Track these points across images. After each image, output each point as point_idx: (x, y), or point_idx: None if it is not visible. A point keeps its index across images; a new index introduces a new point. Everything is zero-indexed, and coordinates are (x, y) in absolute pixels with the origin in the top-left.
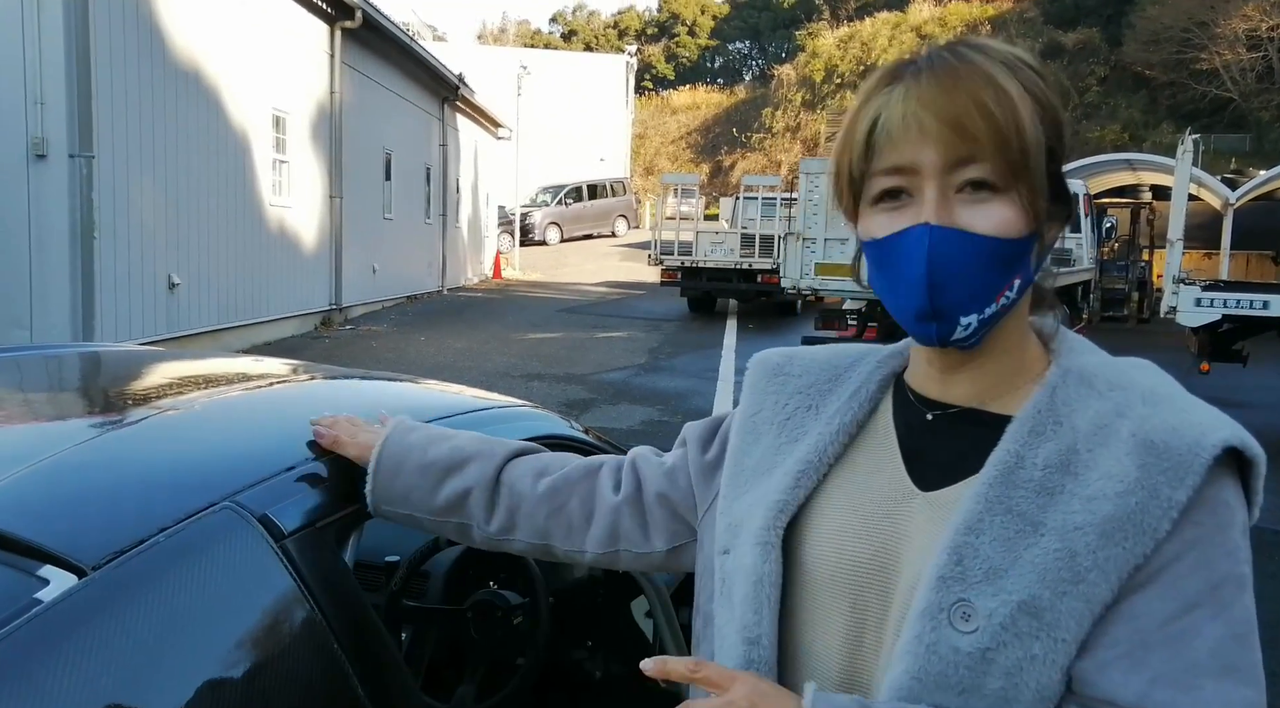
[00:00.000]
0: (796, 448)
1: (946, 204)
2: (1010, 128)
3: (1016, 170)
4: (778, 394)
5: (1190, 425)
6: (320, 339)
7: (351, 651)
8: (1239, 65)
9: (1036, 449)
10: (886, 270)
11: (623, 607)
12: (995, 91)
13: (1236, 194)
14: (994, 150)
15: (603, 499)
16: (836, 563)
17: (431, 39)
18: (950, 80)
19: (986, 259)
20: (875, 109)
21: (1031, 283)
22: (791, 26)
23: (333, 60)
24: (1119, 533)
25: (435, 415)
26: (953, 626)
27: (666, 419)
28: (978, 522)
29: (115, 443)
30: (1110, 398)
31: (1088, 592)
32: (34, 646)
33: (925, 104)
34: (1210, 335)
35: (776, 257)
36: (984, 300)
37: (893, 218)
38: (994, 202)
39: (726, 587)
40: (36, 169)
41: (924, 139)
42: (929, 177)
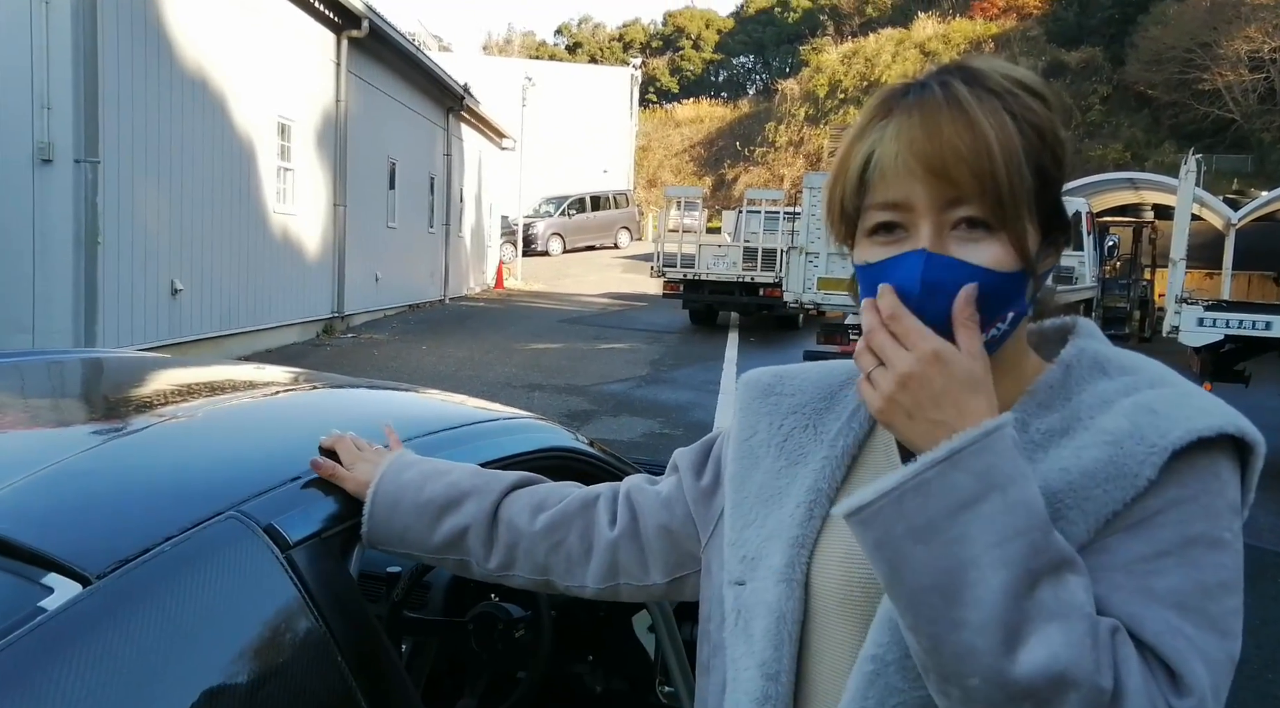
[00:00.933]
0: (800, 473)
1: (942, 239)
2: (990, 173)
3: (1004, 212)
4: (771, 415)
5: (1192, 404)
6: (322, 347)
7: (355, 662)
8: (1241, 86)
9: (1041, 418)
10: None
11: (625, 621)
12: (974, 135)
13: (1238, 214)
14: (978, 194)
15: (600, 534)
16: (848, 587)
17: (437, 49)
18: (935, 123)
19: (980, 291)
20: (870, 145)
21: (1025, 315)
22: (796, 41)
23: (339, 69)
24: (1101, 475)
25: (438, 427)
26: None
27: (668, 432)
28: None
29: (120, 450)
30: (1119, 380)
31: (1065, 529)
32: (38, 654)
33: (913, 146)
34: (1212, 355)
35: (779, 270)
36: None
37: (888, 248)
38: (987, 239)
39: (743, 619)
40: (42, 174)
41: (914, 180)
42: (923, 213)
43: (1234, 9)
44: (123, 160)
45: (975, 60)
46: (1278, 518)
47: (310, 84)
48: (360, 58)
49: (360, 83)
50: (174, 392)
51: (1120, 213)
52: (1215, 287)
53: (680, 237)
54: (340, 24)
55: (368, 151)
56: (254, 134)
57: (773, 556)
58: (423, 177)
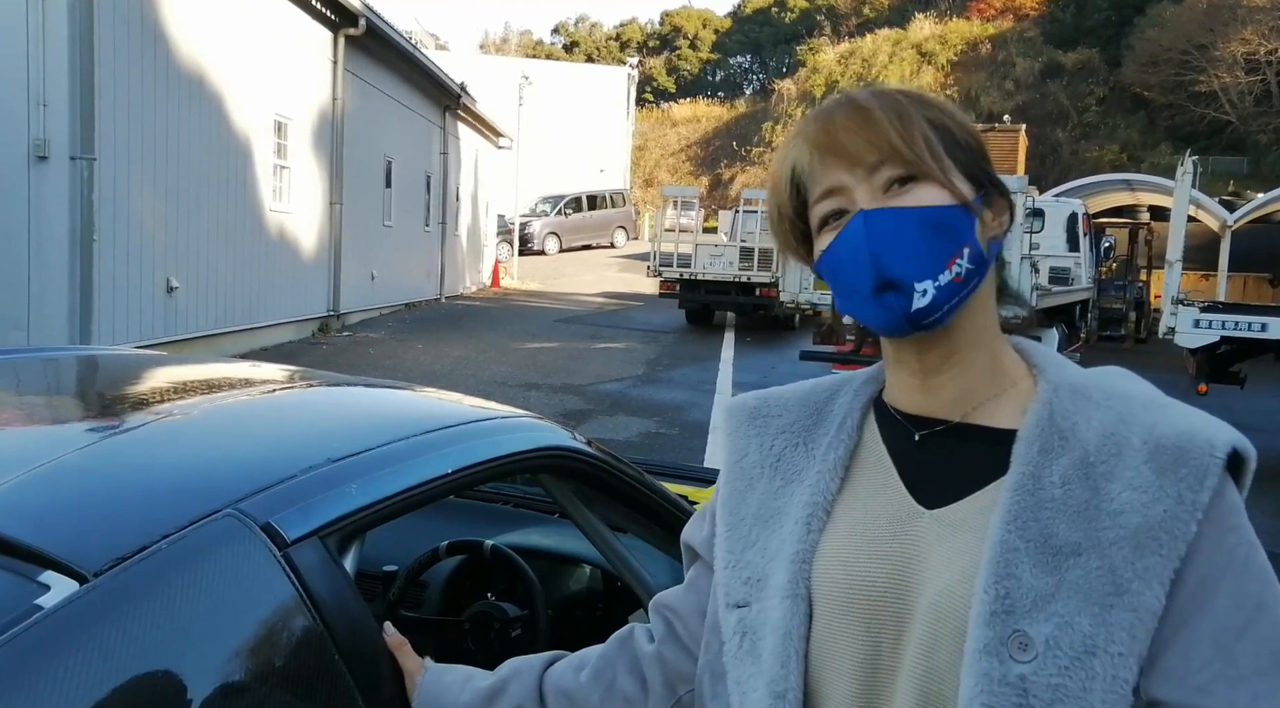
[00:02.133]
0: (796, 490)
1: (877, 198)
2: (882, 138)
3: (914, 163)
4: (760, 436)
5: (1198, 428)
6: (318, 345)
7: (352, 660)
8: (1237, 88)
9: (1050, 467)
10: (839, 273)
11: (621, 621)
12: (861, 114)
13: (1234, 216)
14: (883, 157)
15: (645, 657)
16: (850, 590)
17: (434, 47)
18: (830, 119)
19: (920, 224)
20: (791, 158)
21: (987, 263)
22: (793, 42)
23: (336, 67)
24: (1153, 542)
25: (435, 426)
26: (1013, 657)
27: (664, 431)
28: (1013, 552)
29: (117, 448)
30: (1110, 407)
31: (1133, 602)
32: (35, 652)
33: (817, 142)
34: (1208, 357)
35: (775, 270)
36: (934, 265)
37: (835, 232)
38: (914, 187)
39: (749, 641)
40: (37, 170)
41: (832, 167)
42: (855, 185)
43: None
44: (118, 157)
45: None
46: (1272, 519)
47: (307, 82)
48: (357, 56)
49: (357, 81)
50: (170, 389)
51: (1116, 214)
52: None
53: (677, 236)
54: (337, 22)
55: (364, 150)
56: (250, 132)
57: (777, 574)
58: (419, 175)
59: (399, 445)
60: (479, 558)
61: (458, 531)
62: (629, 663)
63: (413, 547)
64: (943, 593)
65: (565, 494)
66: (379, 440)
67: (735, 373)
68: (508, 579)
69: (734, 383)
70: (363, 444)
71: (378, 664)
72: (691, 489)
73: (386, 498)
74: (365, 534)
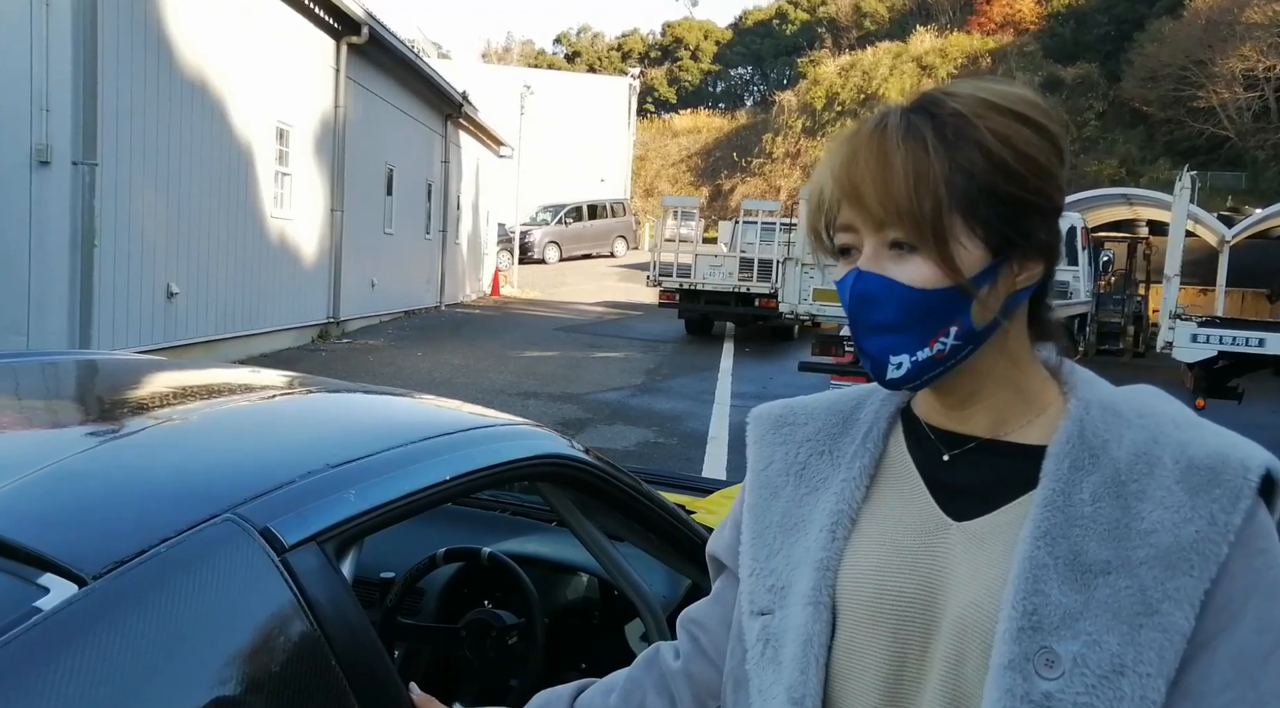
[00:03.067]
0: (821, 498)
1: (878, 257)
2: (893, 198)
3: (920, 233)
4: (786, 445)
5: (1231, 448)
6: (317, 352)
7: (349, 666)
8: (1236, 104)
9: (1080, 484)
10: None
11: (618, 630)
12: (882, 168)
13: (1232, 231)
14: (893, 218)
15: (672, 674)
16: (878, 598)
17: (436, 56)
18: (854, 155)
19: (903, 306)
20: (820, 183)
21: (976, 332)
22: (794, 54)
23: (338, 75)
24: (1184, 563)
25: (433, 432)
26: (1039, 674)
27: (662, 441)
28: (1041, 568)
29: (116, 452)
30: (1142, 425)
31: (1163, 622)
32: (33, 654)
33: (835, 177)
34: (1206, 371)
35: (775, 281)
36: (913, 344)
37: (844, 267)
38: (912, 258)
39: (771, 648)
40: (39, 175)
41: (850, 206)
42: (865, 233)
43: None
44: (120, 163)
45: (959, 85)
46: None
47: (309, 90)
48: (359, 64)
49: (359, 89)
50: (170, 394)
51: (1115, 228)
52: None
53: (677, 246)
54: (340, 30)
55: (366, 158)
56: (252, 139)
57: (800, 582)
58: (420, 183)
59: (397, 452)
60: (476, 566)
61: (455, 538)
62: (656, 682)
63: (410, 554)
64: (970, 607)
65: (563, 502)
66: (377, 447)
67: (734, 383)
68: (505, 587)
69: (733, 393)
70: (361, 450)
71: (375, 670)
72: (689, 499)
73: (384, 504)
74: (363, 540)
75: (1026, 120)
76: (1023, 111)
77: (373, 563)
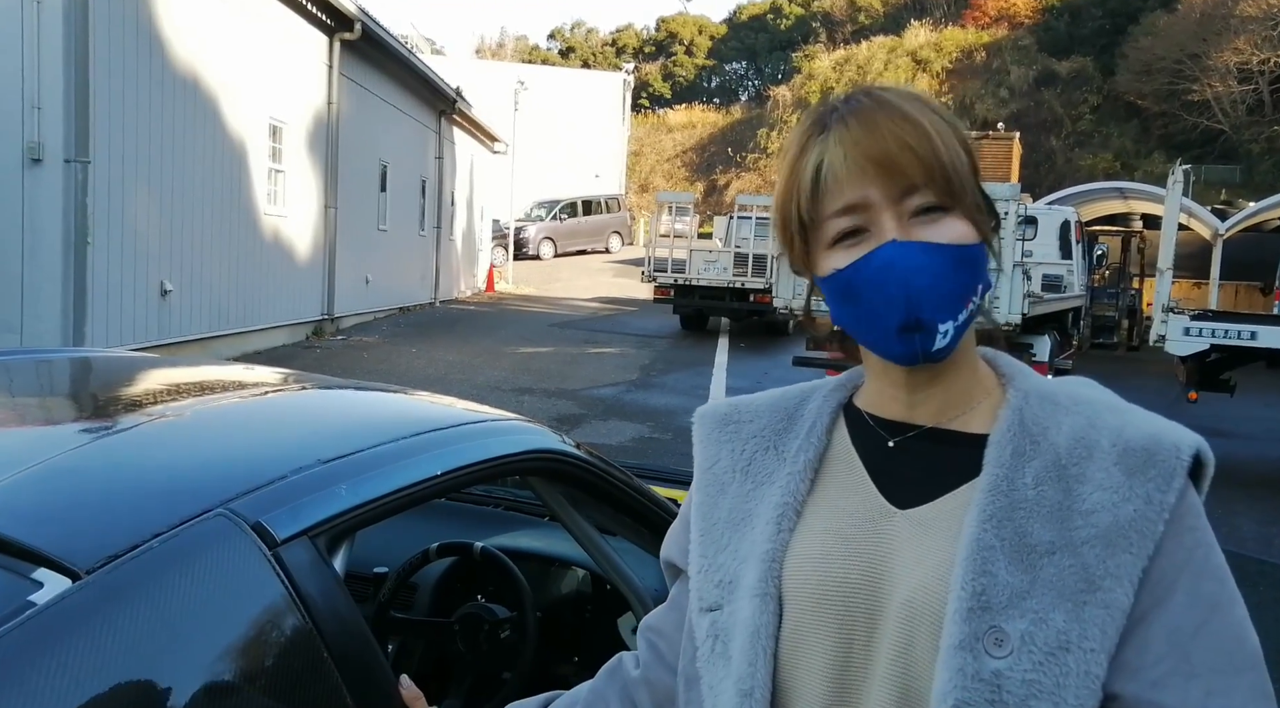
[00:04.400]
0: (766, 492)
1: (905, 226)
2: (933, 155)
3: (953, 191)
4: (732, 442)
5: (1165, 431)
6: (311, 349)
7: (341, 660)
8: (1230, 97)
9: (1022, 469)
10: (856, 298)
11: (610, 623)
12: (913, 127)
13: (1226, 225)
14: (927, 179)
15: (633, 683)
16: (823, 587)
17: (430, 52)
18: (874, 123)
19: (954, 266)
20: (817, 156)
21: (990, 287)
22: (788, 48)
23: (331, 71)
24: (1123, 540)
25: (425, 428)
26: (988, 653)
27: (656, 436)
28: (989, 550)
29: (110, 448)
30: (1079, 412)
31: (1105, 599)
32: (26, 648)
33: (859, 146)
34: (1198, 364)
35: (769, 276)
36: (957, 307)
37: (854, 251)
38: (945, 219)
39: (720, 643)
40: (32, 174)
41: (866, 179)
42: (882, 207)
43: (1223, 21)
44: (113, 161)
45: (878, 85)
46: (1260, 527)
47: (302, 86)
48: (352, 60)
49: (352, 85)
50: (163, 391)
51: (1109, 222)
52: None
53: (671, 242)
54: (333, 26)
55: (359, 154)
56: (245, 136)
57: (747, 575)
58: (414, 179)
59: (389, 447)
60: (469, 560)
61: (448, 533)
62: (619, 692)
63: (403, 549)
64: (917, 590)
65: (555, 497)
66: (369, 442)
67: (729, 378)
68: (497, 581)
69: (727, 388)
70: (353, 446)
71: (366, 663)
72: (682, 493)
73: (376, 499)
74: (355, 535)
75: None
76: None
77: (366, 558)
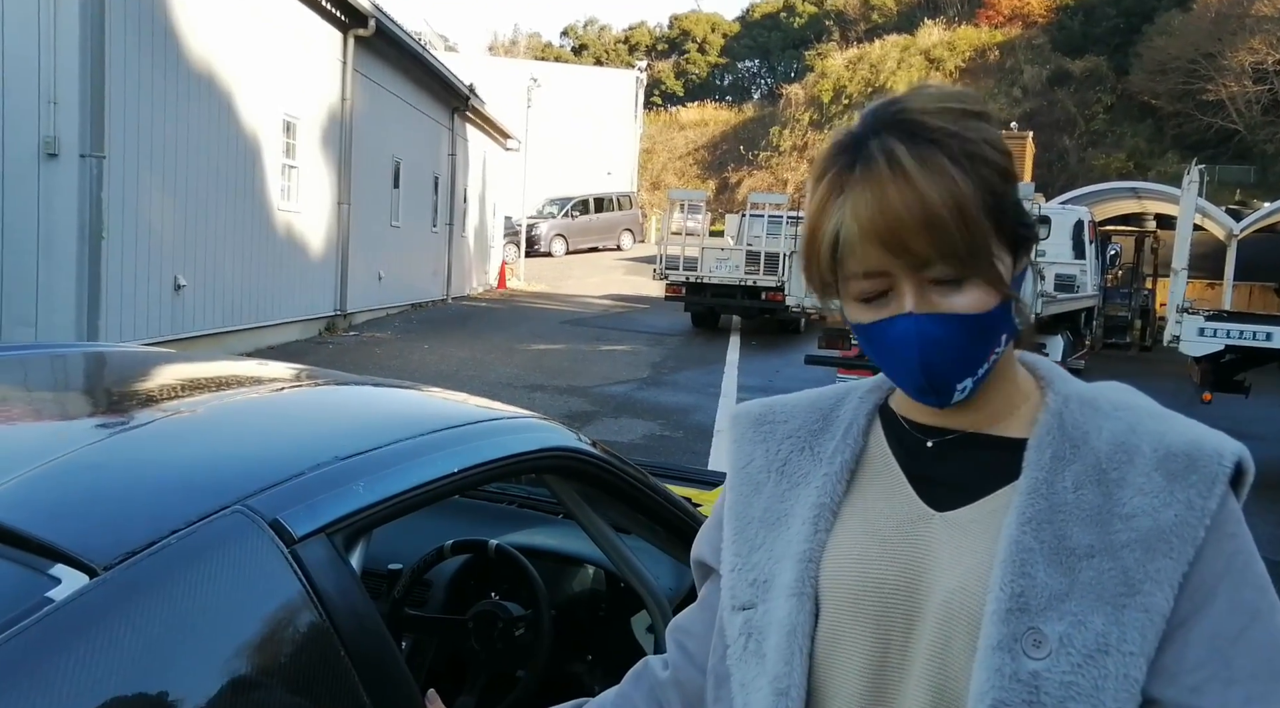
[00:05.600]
0: (802, 493)
1: (923, 295)
2: (943, 237)
3: (969, 264)
4: (767, 442)
5: (1206, 438)
6: (324, 345)
7: (357, 657)
8: (1245, 97)
9: (1062, 473)
10: (877, 350)
11: (624, 622)
12: (922, 206)
13: (1240, 225)
14: (940, 256)
15: (661, 685)
16: (860, 588)
17: (443, 49)
18: (884, 197)
19: (971, 334)
20: (834, 223)
21: (1015, 334)
22: (801, 47)
23: (345, 67)
24: (1164, 545)
25: (440, 425)
26: (1027, 654)
27: (668, 433)
28: (1028, 552)
29: (127, 444)
30: (1119, 417)
31: (1145, 602)
32: (45, 644)
33: (871, 224)
34: (1213, 365)
35: (781, 274)
36: (976, 366)
37: (876, 311)
38: (963, 288)
39: (754, 642)
40: (47, 168)
41: (882, 252)
42: (901, 276)
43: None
44: (128, 156)
45: (910, 99)
46: (1275, 528)
47: (316, 82)
48: (366, 57)
49: (366, 82)
50: (180, 387)
51: (1123, 222)
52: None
53: (683, 239)
54: (347, 23)
55: (372, 150)
56: (259, 131)
57: (783, 575)
58: (427, 176)
59: (405, 444)
60: (484, 557)
61: (463, 530)
62: (646, 696)
63: (418, 546)
64: (955, 592)
65: (569, 495)
66: (386, 439)
67: (740, 376)
68: (512, 579)
69: (739, 386)
70: (370, 443)
71: (382, 661)
72: (695, 491)
73: (393, 496)
74: (371, 532)
75: (985, 116)
76: (979, 109)
77: (381, 555)
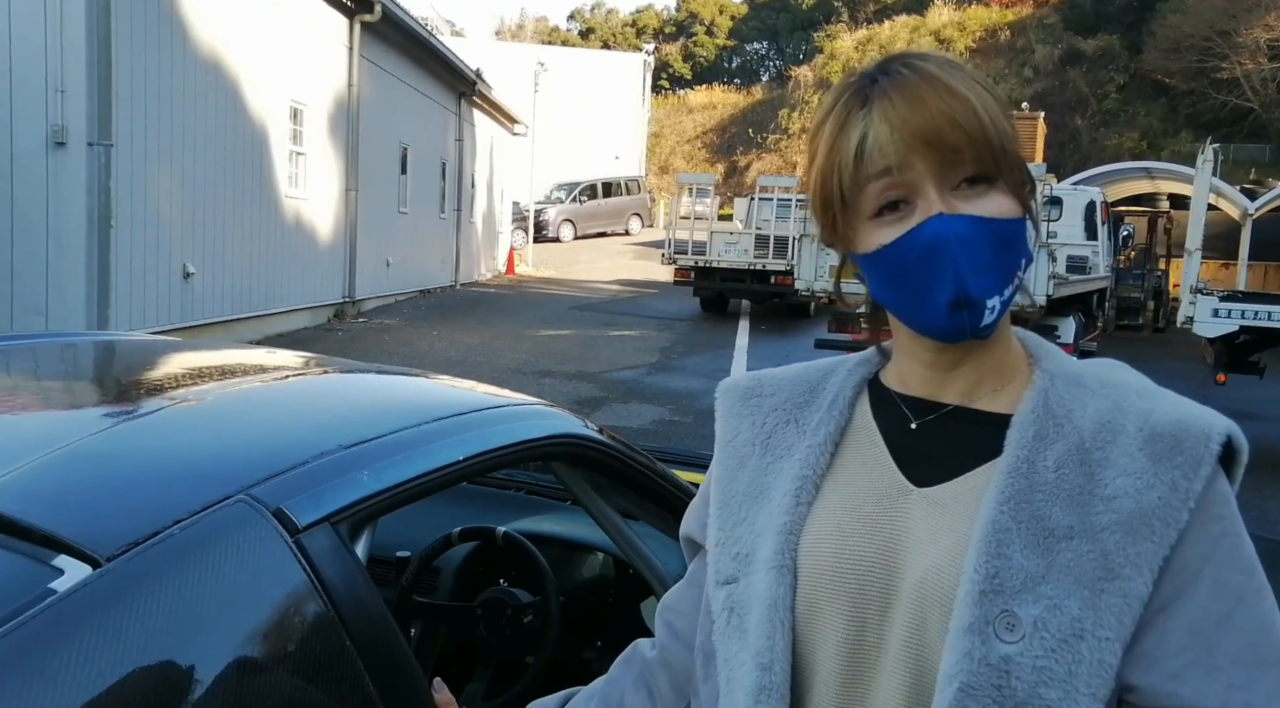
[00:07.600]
0: (785, 465)
1: (949, 199)
2: (980, 131)
3: (999, 163)
4: (753, 415)
5: (1194, 416)
6: (333, 332)
7: (363, 646)
8: (1260, 75)
9: (1044, 452)
10: (902, 274)
11: (632, 608)
12: (960, 102)
13: (1255, 205)
14: (974, 152)
15: (649, 665)
16: (837, 562)
17: (450, 34)
18: (918, 97)
19: (1000, 240)
20: (860, 131)
21: (1031, 261)
22: (809, 28)
23: (351, 53)
24: (1146, 528)
25: (448, 412)
26: (999, 637)
27: (677, 419)
28: (1004, 532)
29: (131, 433)
30: (1105, 395)
31: (1124, 587)
32: (48, 636)
33: (906, 124)
34: (1227, 346)
35: (790, 258)
36: (1004, 282)
37: (899, 226)
38: (990, 192)
39: (736, 616)
40: (55, 157)
41: (912, 154)
42: (927, 178)
43: None
44: (135, 144)
45: (917, 53)
46: None
47: (323, 68)
48: (373, 42)
49: (373, 67)
50: (185, 375)
51: (1136, 202)
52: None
53: (692, 224)
54: (353, 8)
55: (380, 136)
56: (267, 118)
57: (764, 547)
58: (434, 162)
59: (411, 432)
60: (491, 545)
61: (470, 517)
62: (634, 678)
63: (426, 533)
64: (930, 570)
65: (577, 482)
66: (391, 427)
67: (750, 361)
68: (520, 566)
69: (748, 370)
70: (375, 431)
71: (390, 650)
72: (704, 477)
73: (398, 484)
74: (377, 521)
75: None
76: (975, 75)
77: (389, 542)
